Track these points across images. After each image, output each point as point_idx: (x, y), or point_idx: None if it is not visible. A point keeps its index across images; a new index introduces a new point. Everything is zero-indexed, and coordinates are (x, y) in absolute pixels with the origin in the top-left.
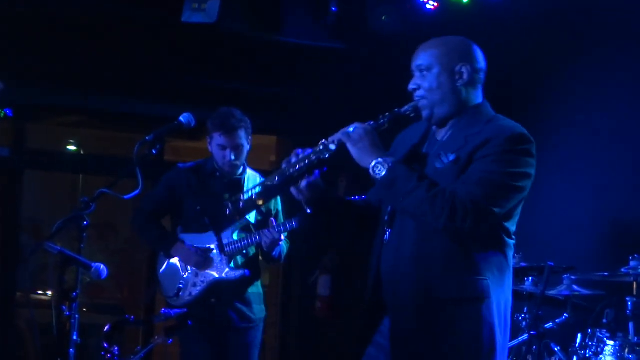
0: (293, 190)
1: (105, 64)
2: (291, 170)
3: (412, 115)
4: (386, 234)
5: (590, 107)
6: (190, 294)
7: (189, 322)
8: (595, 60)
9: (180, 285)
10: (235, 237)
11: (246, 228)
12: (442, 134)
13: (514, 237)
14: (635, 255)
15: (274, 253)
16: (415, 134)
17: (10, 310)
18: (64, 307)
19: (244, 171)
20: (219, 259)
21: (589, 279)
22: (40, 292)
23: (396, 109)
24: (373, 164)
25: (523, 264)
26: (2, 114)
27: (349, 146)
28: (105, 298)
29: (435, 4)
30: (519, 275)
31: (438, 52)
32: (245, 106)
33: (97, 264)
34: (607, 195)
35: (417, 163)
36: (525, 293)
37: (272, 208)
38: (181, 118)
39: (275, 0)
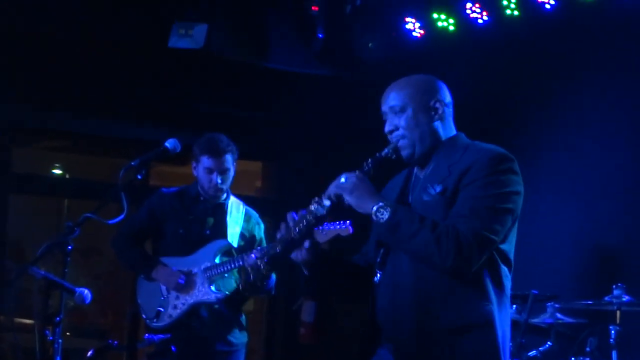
0: (293, 255)
1: (91, 89)
2: (292, 235)
3: (393, 157)
4: (377, 275)
5: (575, 135)
6: (170, 315)
7: (173, 348)
8: (578, 87)
9: (160, 308)
10: (217, 260)
11: (228, 252)
12: (424, 172)
13: (512, 260)
14: (619, 284)
15: (267, 287)
16: (399, 181)
17: None
18: (48, 332)
19: (228, 197)
20: (200, 281)
21: (572, 308)
22: (23, 316)
23: (377, 154)
24: (375, 209)
25: None
26: None
27: (346, 196)
28: (88, 322)
29: (422, 32)
30: None
31: (410, 92)
32: (231, 131)
33: (81, 289)
34: (591, 224)
35: (406, 202)
36: None
37: (256, 235)
38: (167, 143)
39: (262, 27)
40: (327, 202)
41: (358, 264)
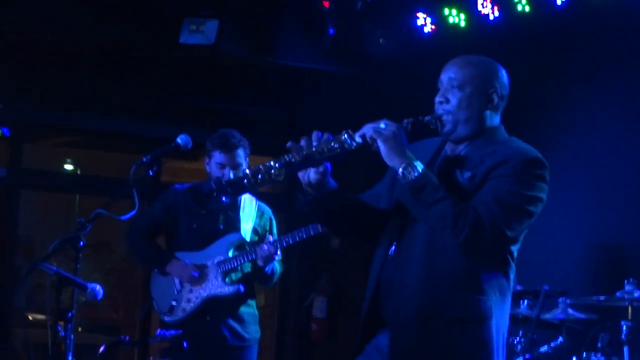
0: (301, 174)
1: (102, 85)
2: (313, 150)
3: (431, 126)
4: (392, 247)
5: (586, 131)
6: (183, 309)
7: (185, 343)
8: (590, 83)
9: (174, 302)
10: (230, 254)
11: (241, 246)
12: (456, 152)
13: (515, 259)
14: (631, 280)
15: (267, 269)
16: (427, 149)
17: (6, 329)
18: (60, 328)
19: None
20: (214, 275)
21: (584, 303)
22: (35, 312)
23: (419, 117)
24: (404, 165)
25: (518, 288)
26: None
27: (380, 142)
28: (100, 318)
29: (433, 27)
30: (514, 298)
31: (474, 72)
32: (241, 127)
33: (93, 285)
34: (602, 220)
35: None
36: (520, 316)
37: (268, 230)
38: (178, 139)
39: (272, 23)
40: (359, 139)
41: (368, 205)
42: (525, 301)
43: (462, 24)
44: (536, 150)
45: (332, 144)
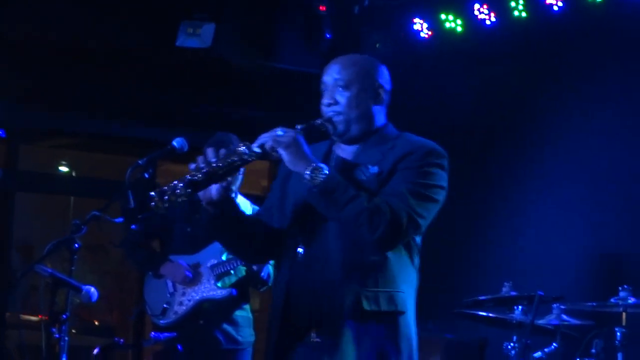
0: (201, 193)
1: (97, 88)
2: (214, 166)
3: (323, 129)
4: (299, 250)
5: (582, 139)
6: (175, 312)
7: (179, 347)
8: (586, 89)
9: (166, 305)
10: (224, 257)
11: None
12: (349, 152)
13: (420, 251)
14: (625, 286)
15: (262, 273)
16: (315, 154)
17: (0, 331)
18: (54, 330)
19: (235, 196)
20: (207, 278)
21: (578, 309)
22: (29, 313)
23: (311, 121)
24: (310, 169)
25: (513, 293)
26: None
27: (281, 150)
28: (94, 320)
29: (430, 32)
30: (509, 304)
31: (358, 70)
32: (238, 131)
33: (87, 287)
34: (597, 226)
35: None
36: (514, 322)
37: None
38: (174, 142)
39: (269, 27)
40: (257, 150)
41: (265, 224)
42: (520, 307)
43: (459, 29)
44: (433, 142)
45: (231, 157)
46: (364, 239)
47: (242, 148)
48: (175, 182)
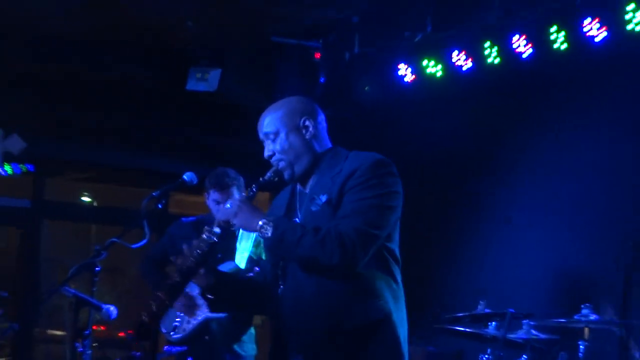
0: (192, 282)
1: (118, 125)
2: (187, 264)
3: (275, 179)
4: (280, 288)
5: (547, 169)
6: (184, 329)
7: (189, 359)
8: (554, 130)
9: (177, 323)
10: None
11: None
12: (308, 186)
13: (399, 259)
14: (587, 304)
15: None
16: (283, 198)
17: (29, 346)
18: (77, 344)
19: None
20: None
21: (545, 325)
22: (55, 329)
23: (260, 178)
24: (259, 227)
25: (487, 310)
26: (25, 169)
27: (233, 220)
28: (114, 335)
29: (413, 77)
30: (483, 320)
31: (280, 115)
32: (241, 164)
33: (107, 306)
34: (562, 249)
35: (295, 216)
36: (488, 336)
37: (263, 257)
38: (185, 176)
39: (270, 72)
40: (217, 230)
41: (257, 280)
42: (493, 322)
43: (439, 74)
44: (377, 154)
45: (199, 246)
46: (326, 267)
47: (205, 235)
48: (158, 294)
